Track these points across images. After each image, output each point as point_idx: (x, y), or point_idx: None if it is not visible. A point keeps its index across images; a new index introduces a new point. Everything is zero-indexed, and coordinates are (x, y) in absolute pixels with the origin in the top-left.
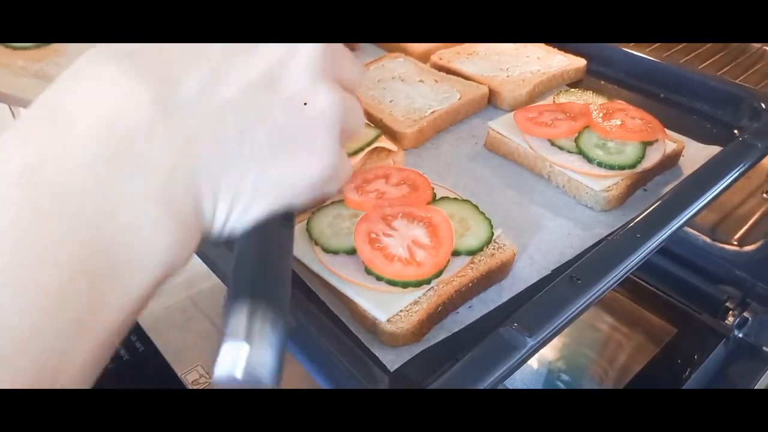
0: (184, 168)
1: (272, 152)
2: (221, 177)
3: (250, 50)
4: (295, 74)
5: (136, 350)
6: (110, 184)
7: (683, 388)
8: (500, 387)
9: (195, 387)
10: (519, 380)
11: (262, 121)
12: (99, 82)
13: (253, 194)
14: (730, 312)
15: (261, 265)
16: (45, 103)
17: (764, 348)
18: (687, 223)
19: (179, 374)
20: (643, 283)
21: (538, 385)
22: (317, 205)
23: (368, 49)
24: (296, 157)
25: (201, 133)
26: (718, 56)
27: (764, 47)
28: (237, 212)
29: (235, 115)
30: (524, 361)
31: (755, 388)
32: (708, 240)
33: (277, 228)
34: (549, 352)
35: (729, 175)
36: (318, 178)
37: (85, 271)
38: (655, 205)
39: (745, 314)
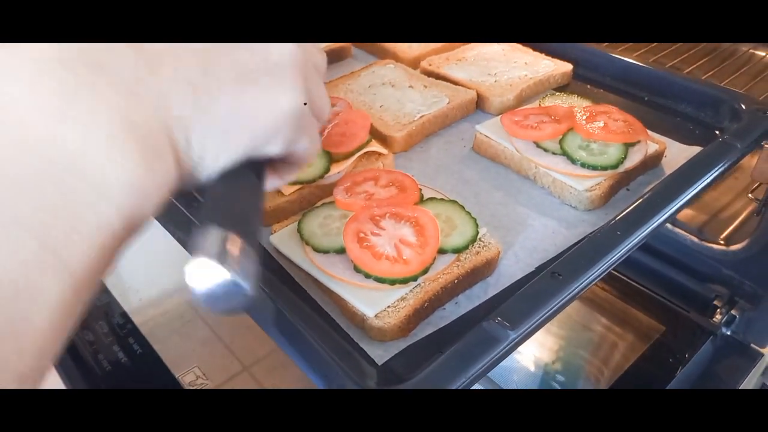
0: (147, 91)
1: (239, 84)
2: (190, 105)
3: None
4: None
5: (134, 353)
6: (67, 107)
7: (672, 384)
8: (498, 386)
9: (191, 388)
10: (515, 381)
11: (225, 57)
12: None
13: (227, 124)
14: (718, 310)
15: (234, 202)
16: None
17: (752, 345)
18: (667, 220)
19: (176, 376)
20: (633, 282)
21: (532, 386)
22: (289, 171)
23: (359, 55)
24: (264, 88)
25: (163, 60)
26: (706, 59)
27: (752, 50)
28: (213, 144)
29: (196, 49)
30: (507, 353)
31: (743, 384)
32: (696, 239)
33: (251, 173)
34: (541, 353)
35: (708, 175)
36: (287, 112)
37: (43, 198)
38: (636, 203)
39: (733, 312)
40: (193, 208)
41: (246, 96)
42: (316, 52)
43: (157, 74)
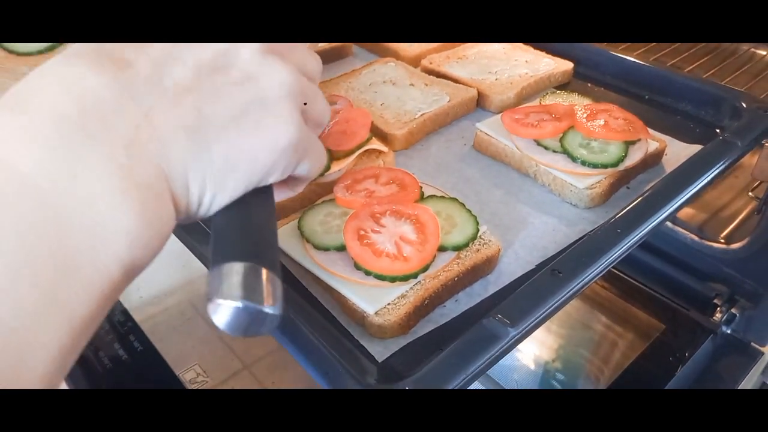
0: (144, 141)
1: (235, 125)
2: (187, 152)
3: (197, 44)
4: (244, 57)
5: (135, 350)
6: (65, 159)
7: (672, 382)
8: (500, 386)
9: (192, 385)
10: (515, 380)
11: (218, 99)
12: (55, 69)
13: (224, 167)
14: (718, 308)
15: (246, 229)
16: (8, 94)
17: (752, 343)
18: (667, 219)
19: (177, 373)
20: (633, 281)
21: (533, 384)
22: (298, 185)
23: (360, 54)
24: (259, 127)
25: (158, 109)
26: (706, 58)
27: (752, 49)
28: (212, 187)
29: (190, 94)
30: (507, 350)
31: (743, 383)
32: (696, 238)
33: (256, 199)
34: (541, 351)
35: (709, 173)
36: (285, 147)
37: (42, 247)
38: (636, 201)
39: (733, 310)
40: None
41: (241, 138)
42: (309, 57)
43: (154, 123)
